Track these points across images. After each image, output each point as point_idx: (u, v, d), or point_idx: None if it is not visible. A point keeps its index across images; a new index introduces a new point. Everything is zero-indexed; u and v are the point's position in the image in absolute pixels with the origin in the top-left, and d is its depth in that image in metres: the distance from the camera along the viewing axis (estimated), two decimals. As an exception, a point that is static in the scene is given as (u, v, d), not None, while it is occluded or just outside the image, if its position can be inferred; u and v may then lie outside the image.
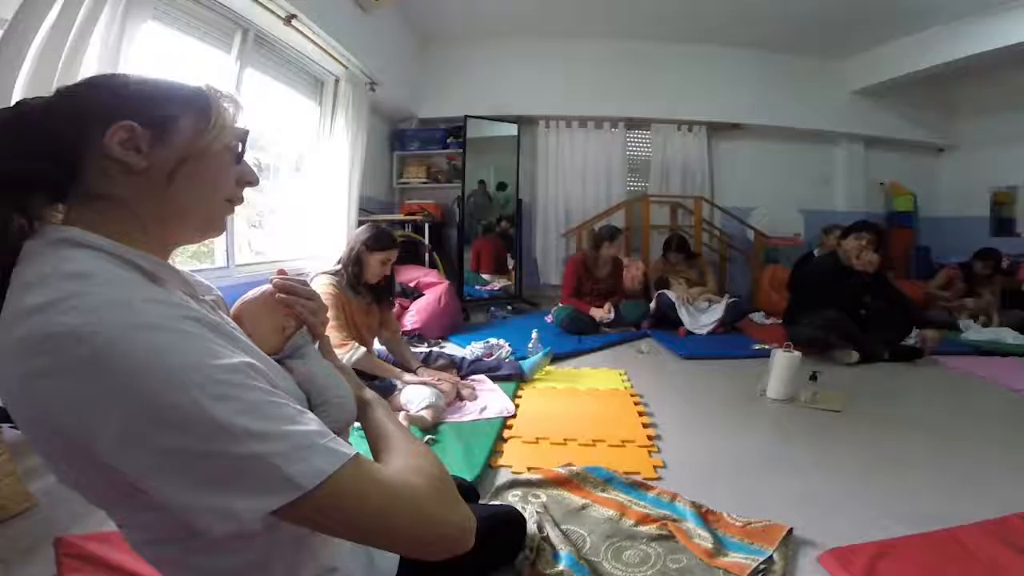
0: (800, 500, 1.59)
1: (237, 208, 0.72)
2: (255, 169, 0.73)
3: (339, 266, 2.36)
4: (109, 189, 0.59)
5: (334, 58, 3.70)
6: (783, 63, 5.59)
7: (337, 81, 3.96)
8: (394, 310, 2.77)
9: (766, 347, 3.22)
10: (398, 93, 4.82)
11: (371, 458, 0.69)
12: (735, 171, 5.90)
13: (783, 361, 2.50)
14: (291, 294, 0.83)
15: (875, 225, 3.50)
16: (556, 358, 3.16)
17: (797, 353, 2.51)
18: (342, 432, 0.76)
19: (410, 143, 5.47)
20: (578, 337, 3.75)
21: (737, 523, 1.44)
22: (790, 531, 1.36)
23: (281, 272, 0.87)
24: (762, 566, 1.23)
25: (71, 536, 1.28)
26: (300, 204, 3.87)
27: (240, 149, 0.69)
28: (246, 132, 0.70)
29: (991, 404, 2.56)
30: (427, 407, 2.12)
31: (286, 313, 0.84)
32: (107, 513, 0.63)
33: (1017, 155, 5.56)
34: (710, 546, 1.32)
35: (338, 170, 3.90)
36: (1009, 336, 3.75)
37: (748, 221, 5.69)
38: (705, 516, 1.47)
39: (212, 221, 0.69)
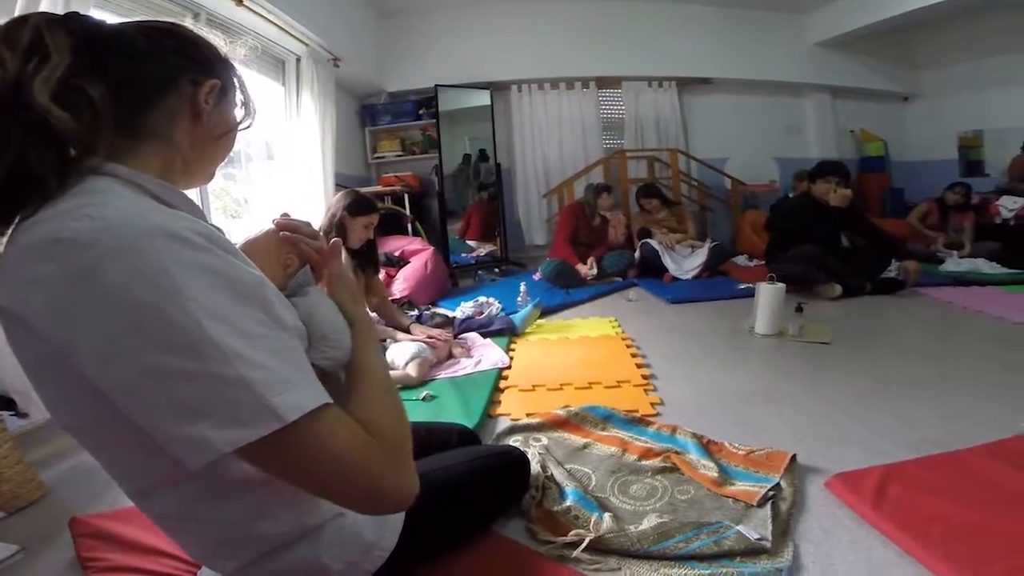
0: (798, 429, 1.60)
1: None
2: None
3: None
4: (168, 131, 0.64)
5: (293, 36, 3.58)
6: (747, 18, 5.69)
7: (299, 60, 3.85)
8: (380, 277, 2.72)
9: (751, 286, 3.24)
10: (363, 68, 4.73)
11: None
12: (708, 124, 5.98)
13: (768, 293, 2.53)
14: (295, 232, 0.85)
15: (837, 163, 3.56)
16: (546, 312, 3.20)
17: (781, 284, 2.54)
18: (337, 370, 0.76)
19: (381, 118, 5.38)
20: (566, 291, 3.77)
21: (740, 452, 1.45)
22: (794, 457, 1.36)
23: (285, 215, 0.88)
24: (771, 493, 1.23)
25: (86, 516, 1.28)
26: (276, 189, 3.80)
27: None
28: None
29: (975, 331, 2.59)
30: (411, 359, 2.09)
31: (290, 251, 0.85)
32: (104, 464, 0.62)
33: (980, 101, 5.78)
34: (716, 475, 1.32)
35: (310, 150, 3.83)
36: (985, 266, 3.84)
37: (724, 170, 5.77)
38: (707, 446, 1.48)
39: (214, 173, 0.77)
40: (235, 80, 0.73)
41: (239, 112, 0.74)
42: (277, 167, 3.84)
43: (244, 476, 0.63)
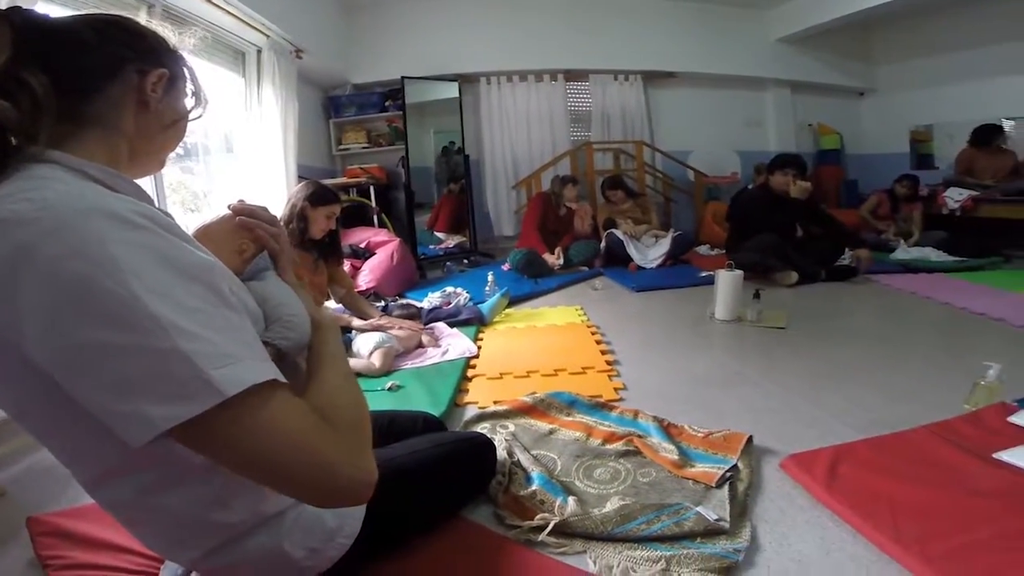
0: (755, 411, 1.66)
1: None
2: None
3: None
4: (114, 120, 0.64)
5: (253, 27, 3.48)
6: (711, 13, 5.79)
7: (260, 51, 3.74)
8: (345, 268, 2.69)
9: (711, 274, 3.33)
10: (327, 60, 4.64)
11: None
12: (672, 117, 6.07)
13: (726, 279, 2.62)
14: (251, 217, 0.84)
15: (794, 156, 3.69)
16: (514, 301, 3.22)
17: (739, 272, 2.63)
18: (295, 353, 0.75)
19: (345, 110, 5.29)
20: (534, 280, 3.81)
21: (698, 434, 1.49)
22: (750, 439, 1.41)
23: (240, 201, 0.87)
24: (728, 474, 1.27)
25: (43, 515, 1.25)
26: (236, 182, 3.68)
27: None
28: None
29: (922, 316, 2.71)
30: (375, 349, 2.08)
31: (246, 236, 0.84)
32: (54, 451, 0.62)
33: (931, 97, 5.97)
34: (676, 458, 1.36)
35: (271, 143, 3.73)
36: (933, 254, 4.04)
37: (687, 163, 5.88)
38: (667, 430, 1.52)
39: (165, 161, 0.77)
40: (185, 70, 0.73)
41: (189, 102, 0.74)
42: (237, 160, 3.73)
43: (194, 463, 0.62)
